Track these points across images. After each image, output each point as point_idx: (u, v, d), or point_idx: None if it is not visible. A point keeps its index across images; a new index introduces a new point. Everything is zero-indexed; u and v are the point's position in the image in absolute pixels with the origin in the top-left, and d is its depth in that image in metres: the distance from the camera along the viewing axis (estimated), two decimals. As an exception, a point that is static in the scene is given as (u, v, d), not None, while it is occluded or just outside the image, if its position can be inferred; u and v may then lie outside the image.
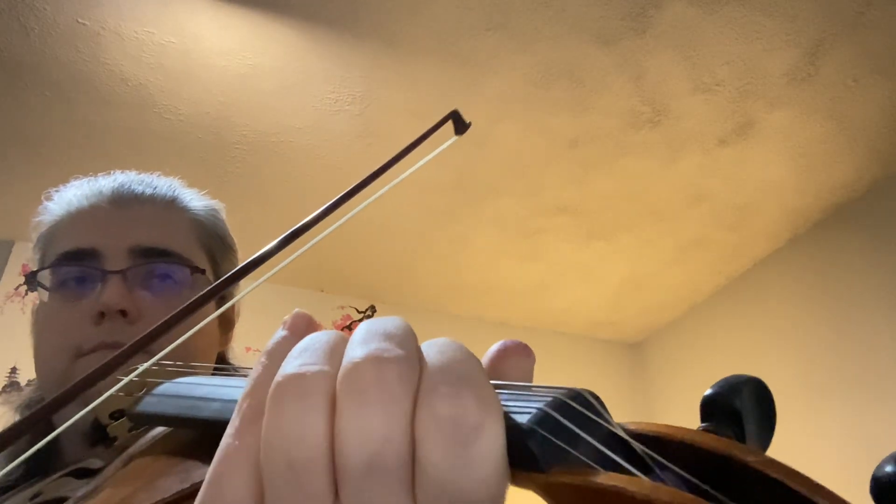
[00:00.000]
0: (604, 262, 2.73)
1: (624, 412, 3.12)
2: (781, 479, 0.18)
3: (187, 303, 0.37)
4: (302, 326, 0.25)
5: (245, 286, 0.42)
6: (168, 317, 0.37)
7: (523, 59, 1.90)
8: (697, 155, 2.21)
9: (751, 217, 2.48)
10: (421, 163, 0.44)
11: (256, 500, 0.21)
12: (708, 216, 2.47)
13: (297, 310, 0.26)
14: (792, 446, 2.24)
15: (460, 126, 0.46)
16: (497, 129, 2.13)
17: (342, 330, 2.92)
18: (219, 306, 0.69)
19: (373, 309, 3.00)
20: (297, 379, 0.21)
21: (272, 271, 0.40)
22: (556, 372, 3.04)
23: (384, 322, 0.23)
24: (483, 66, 1.92)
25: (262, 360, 0.24)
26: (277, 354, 0.24)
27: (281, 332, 0.25)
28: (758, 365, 2.61)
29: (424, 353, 0.22)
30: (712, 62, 1.90)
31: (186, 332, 0.37)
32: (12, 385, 2.40)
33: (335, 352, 0.22)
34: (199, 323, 0.39)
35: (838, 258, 2.40)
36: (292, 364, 0.21)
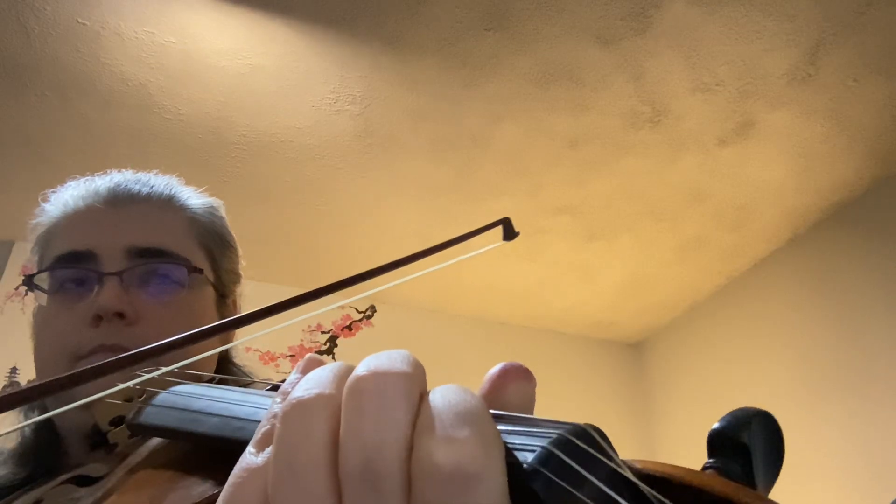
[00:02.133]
0: (604, 262, 2.73)
1: (624, 412, 3.12)
2: None
3: (201, 329, 0.37)
4: (311, 369, 0.27)
5: (264, 325, 0.42)
6: (180, 337, 0.37)
7: (523, 59, 1.90)
8: (697, 155, 2.21)
9: (751, 217, 2.48)
10: (462, 257, 0.47)
11: None
12: (708, 216, 2.47)
13: (309, 355, 0.28)
14: (791, 446, 2.23)
15: (509, 234, 0.50)
16: (497, 129, 2.13)
17: (342, 330, 2.92)
18: (224, 313, 0.68)
19: (373, 309, 3.00)
20: (300, 399, 0.23)
21: (287, 322, 0.41)
22: (556, 372, 3.04)
23: (391, 351, 0.24)
24: (483, 66, 1.92)
25: (277, 399, 0.26)
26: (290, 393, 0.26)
27: (294, 375, 0.27)
28: (757, 365, 2.61)
29: (430, 394, 0.22)
30: (712, 62, 1.90)
31: (190, 344, 0.38)
32: (12, 385, 2.40)
33: (339, 378, 0.24)
34: (205, 335, 0.40)
35: (838, 258, 2.40)
36: (299, 390, 0.23)
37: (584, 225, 2.54)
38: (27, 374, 2.42)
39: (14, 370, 2.43)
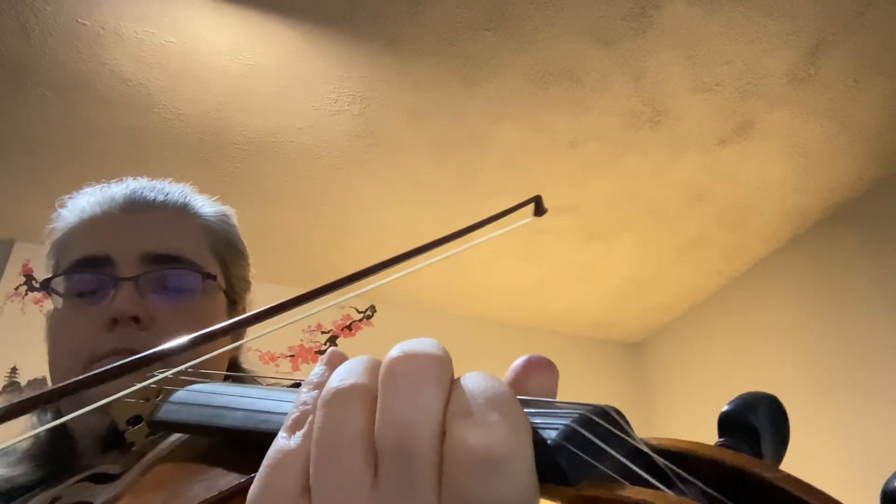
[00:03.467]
0: (604, 262, 2.73)
1: (624, 412, 3.12)
2: (798, 494, 0.19)
3: (216, 327, 0.38)
4: (337, 361, 0.29)
5: (271, 323, 0.43)
6: (192, 337, 0.38)
7: (523, 59, 1.90)
8: (697, 155, 2.22)
9: (751, 217, 2.48)
10: (493, 234, 0.49)
11: (304, 488, 0.23)
12: (708, 216, 2.48)
13: (332, 348, 0.30)
14: (792, 446, 2.24)
15: (539, 210, 0.55)
16: (497, 128, 2.13)
17: (342, 330, 2.92)
18: (236, 313, 0.69)
19: (373, 309, 3.00)
20: (338, 388, 0.24)
21: (299, 316, 0.41)
22: (556, 372, 3.04)
23: (421, 338, 0.26)
24: (483, 66, 1.92)
25: (304, 389, 0.27)
26: (318, 383, 0.27)
27: (319, 367, 0.29)
28: (757, 365, 2.61)
29: (460, 380, 0.24)
30: (712, 62, 1.90)
31: (201, 345, 0.39)
32: (12, 385, 2.40)
33: (371, 369, 0.25)
34: (214, 335, 0.40)
35: (838, 258, 2.40)
36: (334, 380, 0.25)
37: (584, 225, 2.54)
38: (27, 374, 2.42)
39: (14, 370, 2.43)
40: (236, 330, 0.40)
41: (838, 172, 2.27)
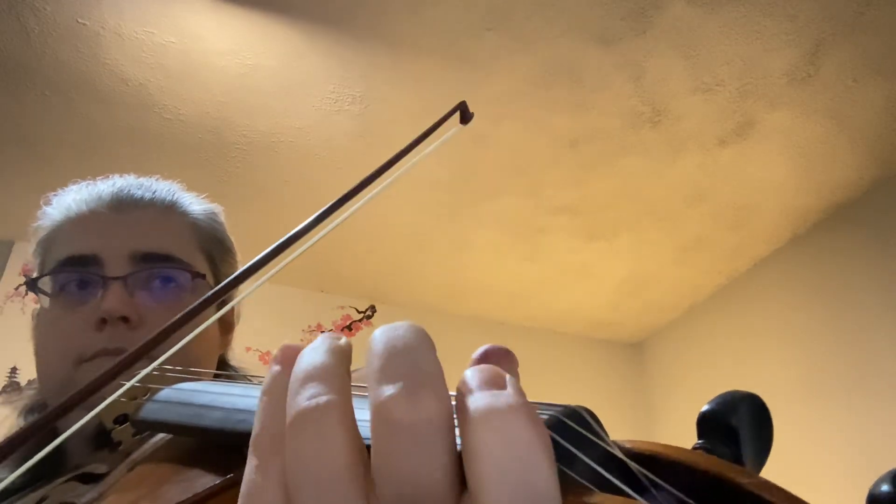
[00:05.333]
0: (604, 262, 2.73)
1: (624, 412, 3.12)
2: (775, 501, 0.18)
3: (188, 308, 0.37)
4: (292, 358, 0.23)
5: (244, 289, 0.41)
6: (169, 323, 0.37)
7: (523, 58, 1.90)
8: (697, 155, 2.21)
9: (751, 217, 2.48)
10: (426, 151, 0.46)
11: None
12: (708, 216, 2.47)
13: (284, 343, 0.24)
14: (791, 447, 2.24)
15: (465, 116, 0.49)
16: (497, 128, 2.13)
17: (342, 330, 2.92)
18: (219, 309, 0.69)
19: (373, 309, 3.00)
20: (306, 407, 0.20)
21: (271, 272, 0.40)
22: (556, 372, 3.04)
23: (404, 338, 0.21)
24: (483, 66, 1.92)
25: (263, 398, 0.23)
26: (276, 391, 0.22)
27: (275, 368, 0.24)
28: (757, 365, 2.61)
29: (462, 391, 0.20)
30: (712, 62, 1.90)
31: (187, 335, 0.37)
32: (12, 385, 2.40)
33: (338, 374, 0.21)
34: (199, 327, 0.39)
35: (838, 258, 2.40)
36: (303, 396, 0.20)
37: (584, 225, 2.54)
38: (27, 374, 2.42)
39: (14, 370, 2.43)
40: (211, 304, 0.38)
41: (838, 172, 2.27)
